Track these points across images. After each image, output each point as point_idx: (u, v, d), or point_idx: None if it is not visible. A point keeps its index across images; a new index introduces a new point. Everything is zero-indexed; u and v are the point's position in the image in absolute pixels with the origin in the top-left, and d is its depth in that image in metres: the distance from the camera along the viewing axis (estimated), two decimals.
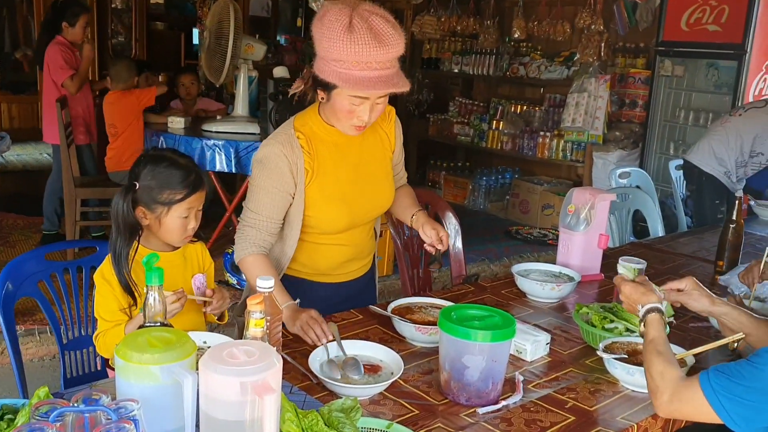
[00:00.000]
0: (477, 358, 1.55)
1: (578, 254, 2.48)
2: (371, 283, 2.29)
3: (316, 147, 1.96)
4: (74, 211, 4.04)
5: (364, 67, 1.73)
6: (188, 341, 1.28)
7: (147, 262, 1.37)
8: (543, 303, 2.25)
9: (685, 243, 3.19)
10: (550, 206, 6.14)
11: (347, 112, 1.85)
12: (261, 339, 1.33)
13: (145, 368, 1.21)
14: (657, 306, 1.66)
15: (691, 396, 1.41)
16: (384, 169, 2.12)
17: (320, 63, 1.80)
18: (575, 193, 2.54)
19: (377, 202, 2.10)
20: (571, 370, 1.79)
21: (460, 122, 7.30)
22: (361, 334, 1.92)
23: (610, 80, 5.74)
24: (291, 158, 1.92)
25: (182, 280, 1.86)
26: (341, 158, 2.01)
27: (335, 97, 1.84)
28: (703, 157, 4.14)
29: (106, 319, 1.77)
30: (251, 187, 1.98)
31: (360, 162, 2.04)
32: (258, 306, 1.32)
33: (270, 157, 1.93)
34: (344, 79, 1.75)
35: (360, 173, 2.04)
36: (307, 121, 1.99)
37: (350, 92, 1.79)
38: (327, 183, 1.98)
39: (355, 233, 2.09)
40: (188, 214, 1.81)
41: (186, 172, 1.81)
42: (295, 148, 1.93)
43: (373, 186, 2.08)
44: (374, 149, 2.09)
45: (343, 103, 1.83)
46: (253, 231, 1.95)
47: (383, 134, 2.13)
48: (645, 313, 1.65)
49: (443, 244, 1.99)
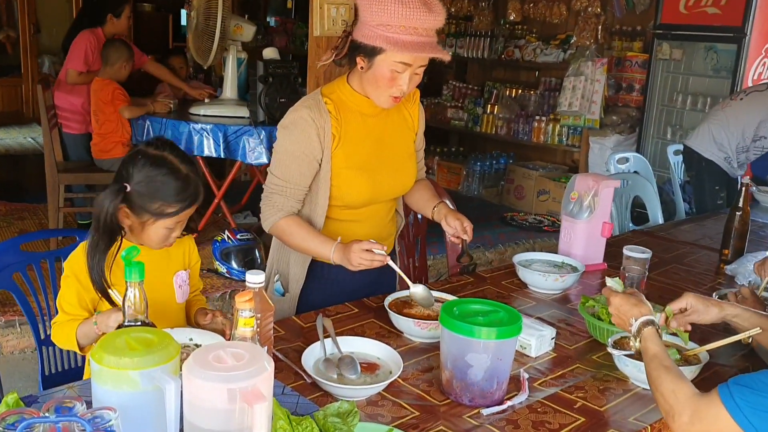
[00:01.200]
0: (481, 357, 1.45)
1: (581, 243, 2.39)
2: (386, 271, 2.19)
3: (344, 114, 1.96)
4: (57, 197, 3.90)
5: (412, 32, 1.77)
6: (171, 343, 1.18)
7: (126, 255, 1.26)
8: (546, 294, 2.15)
9: (687, 230, 3.11)
10: (545, 192, 6.05)
11: (388, 79, 1.84)
12: (250, 339, 1.23)
13: (123, 373, 1.11)
14: (651, 318, 1.53)
15: (714, 415, 1.27)
16: (407, 149, 2.12)
17: (364, 28, 1.82)
18: (578, 180, 2.44)
19: (399, 179, 2.10)
20: (578, 367, 1.70)
21: (454, 106, 7.19)
22: (357, 328, 1.82)
23: (607, 64, 5.64)
24: (318, 122, 1.91)
25: (164, 277, 1.74)
26: (367, 130, 2.00)
27: (378, 64, 1.83)
28: (702, 142, 4.07)
29: (64, 310, 1.64)
30: (276, 153, 1.98)
31: (384, 136, 2.04)
32: (247, 304, 1.22)
33: (297, 122, 1.93)
34: (393, 42, 1.77)
35: (384, 148, 2.03)
36: (335, 90, 1.99)
37: (397, 57, 1.80)
38: (352, 151, 1.97)
39: (376, 210, 2.08)
40: (175, 226, 1.66)
41: (184, 184, 1.62)
42: (323, 113, 1.92)
43: (396, 163, 2.07)
44: (399, 127, 2.09)
45: (385, 70, 1.83)
46: (280, 198, 1.96)
47: (407, 114, 2.12)
48: (639, 326, 1.52)
49: (468, 234, 1.99)
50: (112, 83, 4.30)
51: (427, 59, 1.85)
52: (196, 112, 4.25)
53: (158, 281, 1.71)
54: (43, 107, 3.84)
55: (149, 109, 4.30)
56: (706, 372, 1.66)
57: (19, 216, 4.76)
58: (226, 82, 4.32)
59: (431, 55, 1.82)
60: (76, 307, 1.64)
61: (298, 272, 2.05)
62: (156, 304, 1.68)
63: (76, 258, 1.65)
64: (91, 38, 4.44)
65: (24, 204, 4.86)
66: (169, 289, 1.75)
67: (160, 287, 1.73)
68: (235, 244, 3.90)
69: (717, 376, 1.68)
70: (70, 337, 1.62)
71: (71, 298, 1.64)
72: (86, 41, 4.41)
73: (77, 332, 1.61)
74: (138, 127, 4.21)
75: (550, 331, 1.78)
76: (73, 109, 4.50)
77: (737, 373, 1.69)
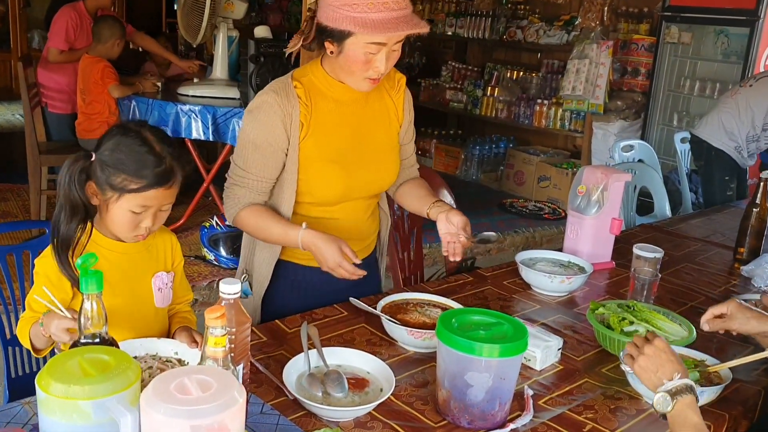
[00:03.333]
0: (482, 376, 1.31)
1: (588, 240, 2.24)
2: (374, 270, 2.05)
3: (315, 100, 1.78)
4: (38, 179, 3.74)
5: (381, 8, 1.60)
6: (130, 366, 1.03)
7: (83, 263, 1.11)
8: (551, 297, 2.01)
9: (697, 225, 2.96)
10: (546, 178, 5.90)
11: (363, 62, 1.67)
12: (222, 360, 1.08)
13: (72, 403, 0.96)
14: (694, 386, 1.30)
15: None
16: (389, 141, 1.92)
17: (328, 11, 1.64)
18: (586, 173, 2.29)
19: (378, 174, 1.89)
20: (587, 381, 1.56)
21: (453, 88, 7.02)
22: (346, 334, 1.68)
23: (612, 46, 5.46)
24: (285, 108, 1.73)
25: (141, 278, 1.57)
26: (341, 118, 1.81)
27: (349, 47, 1.66)
28: (712, 131, 3.93)
29: (32, 307, 1.48)
30: (240, 140, 1.79)
31: (361, 126, 1.85)
32: (218, 321, 1.06)
33: (262, 107, 1.74)
34: (361, 23, 1.60)
35: (361, 139, 1.84)
36: (307, 73, 1.80)
37: (368, 38, 1.63)
38: (323, 141, 1.79)
39: (351, 208, 1.88)
40: (143, 211, 1.47)
41: (155, 159, 1.44)
42: (291, 98, 1.74)
43: (374, 155, 1.87)
44: (379, 116, 1.90)
45: (357, 53, 1.66)
46: (241, 190, 1.78)
47: (390, 103, 1.93)
48: (684, 388, 1.29)
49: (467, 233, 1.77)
50: (102, 61, 4.13)
51: (407, 34, 1.67)
52: (185, 92, 4.08)
53: (135, 282, 1.56)
54: (23, 85, 3.67)
55: (138, 89, 4.13)
56: (725, 389, 1.52)
57: (2, 197, 4.59)
58: (216, 61, 4.13)
59: (407, 31, 1.64)
60: (42, 306, 1.49)
61: (264, 271, 1.87)
62: (130, 308, 1.55)
63: (47, 255, 1.50)
64: (72, 14, 4.25)
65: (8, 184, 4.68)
66: (147, 292, 1.59)
67: (137, 289, 1.57)
68: (224, 231, 3.75)
69: (738, 394, 1.55)
70: (24, 335, 1.48)
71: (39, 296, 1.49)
72: (67, 17, 4.22)
73: (30, 331, 1.46)
74: (124, 107, 4.04)
75: (556, 341, 1.64)
76: (58, 88, 4.32)
77: (760, 391, 1.57)
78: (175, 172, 1.48)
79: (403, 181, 2.03)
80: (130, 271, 1.55)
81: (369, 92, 1.82)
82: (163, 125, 3.69)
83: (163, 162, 1.45)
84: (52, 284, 1.46)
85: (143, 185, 1.44)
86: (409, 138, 2.01)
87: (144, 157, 1.44)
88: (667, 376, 1.32)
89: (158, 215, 1.51)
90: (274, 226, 1.75)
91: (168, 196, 1.49)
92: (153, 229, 1.52)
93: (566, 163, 5.96)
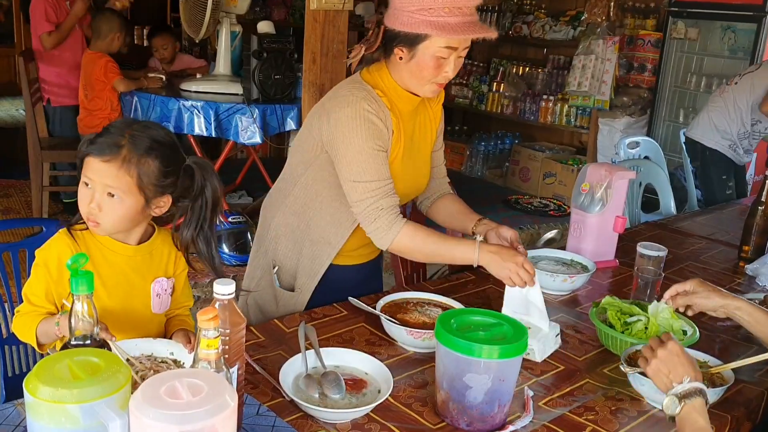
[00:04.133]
0: (481, 378, 1.29)
1: (592, 238, 2.22)
2: (377, 269, 2.08)
3: (394, 110, 1.78)
4: (40, 175, 3.72)
5: (456, 12, 1.63)
6: (120, 369, 1.01)
7: (73, 264, 1.09)
8: (553, 296, 1.99)
9: (702, 223, 2.93)
10: (551, 174, 5.86)
11: (434, 68, 1.69)
12: (214, 363, 1.06)
13: (60, 407, 0.95)
14: (705, 389, 1.29)
15: None
16: (429, 149, 1.96)
17: (403, 16, 1.66)
18: (590, 170, 2.26)
19: (420, 180, 1.95)
20: (588, 382, 1.54)
21: (458, 83, 6.96)
22: (345, 334, 1.66)
23: (618, 42, 5.41)
24: (380, 115, 1.72)
25: (140, 282, 1.54)
26: (404, 127, 1.82)
27: (421, 52, 1.68)
28: (705, 131, 3.92)
29: (30, 300, 1.46)
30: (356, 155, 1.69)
31: (414, 136, 1.88)
32: (211, 323, 1.05)
33: (360, 117, 1.70)
34: (438, 26, 1.63)
35: (412, 148, 1.87)
36: (379, 82, 1.78)
37: (443, 41, 1.65)
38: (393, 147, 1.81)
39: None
40: (90, 184, 1.39)
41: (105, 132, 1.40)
42: (383, 107, 1.74)
43: (418, 164, 1.92)
44: (425, 125, 1.93)
45: (428, 58, 1.68)
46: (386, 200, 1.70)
47: (431, 114, 1.95)
48: (694, 391, 1.28)
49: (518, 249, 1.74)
50: (104, 56, 4.11)
51: (470, 40, 1.69)
52: (187, 88, 4.05)
53: (132, 285, 1.53)
54: (25, 80, 3.65)
55: (142, 84, 4.11)
56: (728, 391, 1.49)
57: (5, 193, 4.59)
58: (218, 56, 4.11)
59: (479, 35, 1.66)
60: (42, 299, 1.47)
61: (316, 268, 1.87)
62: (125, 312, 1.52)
63: (49, 247, 1.47)
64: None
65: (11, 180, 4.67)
66: (144, 296, 1.56)
67: (134, 292, 1.54)
68: (226, 228, 3.73)
69: (741, 396, 1.52)
70: (30, 331, 1.45)
71: (38, 289, 1.47)
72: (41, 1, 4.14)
73: (38, 329, 1.44)
74: (126, 103, 4.02)
75: (553, 328, 1.63)
76: (59, 82, 4.29)
77: (764, 393, 1.55)
78: (118, 149, 1.37)
79: (437, 195, 2.04)
80: (129, 273, 1.52)
81: (419, 103, 1.84)
82: (165, 121, 3.68)
83: (110, 134, 1.39)
84: (51, 277, 1.45)
85: (85, 151, 1.40)
86: (440, 145, 2.03)
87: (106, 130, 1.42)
88: (677, 379, 1.30)
89: (105, 200, 1.39)
90: (454, 249, 1.73)
91: (108, 175, 1.37)
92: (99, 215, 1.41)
93: (572, 159, 5.93)
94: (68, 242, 1.46)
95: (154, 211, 1.46)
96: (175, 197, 1.48)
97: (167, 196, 1.46)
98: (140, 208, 1.43)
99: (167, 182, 1.44)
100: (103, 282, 1.49)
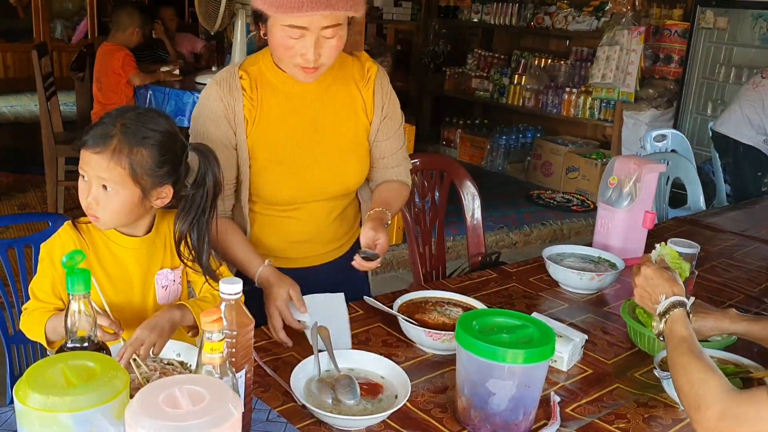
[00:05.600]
0: (506, 384, 1.21)
1: (619, 234, 2.12)
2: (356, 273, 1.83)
3: (263, 92, 1.61)
4: (55, 170, 3.69)
5: None
6: (117, 374, 0.94)
7: (68, 261, 1.02)
8: (579, 294, 1.90)
9: (734, 218, 2.81)
10: (574, 169, 5.74)
11: (284, 47, 1.49)
12: (219, 368, 0.99)
13: (51, 416, 0.88)
14: (683, 300, 1.35)
15: (754, 415, 1.06)
16: (353, 138, 1.72)
17: None
18: (617, 163, 2.16)
19: (338, 176, 1.70)
20: (618, 387, 1.45)
21: (479, 76, 6.86)
22: (361, 335, 1.58)
23: (644, 33, 5.27)
24: (227, 101, 1.58)
25: (147, 276, 1.47)
26: (293, 113, 1.64)
27: (270, 30, 1.49)
28: (737, 126, 3.77)
29: (36, 296, 1.40)
30: (191, 138, 1.61)
31: (317, 121, 1.66)
32: (215, 325, 0.97)
33: (204, 102, 1.60)
34: (268, 2, 1.43)
35: (316, 136, 1.66)
36: (257, 61, 1.63)
37: (282, 20, 1.44)
38: (272, 140, 1.63)
39: (310, 210, 1.72)
40: (86, 176, 1.33)
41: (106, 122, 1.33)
42: (234, 90, 1.58)
43: (332, 154, 1.68)
44: (342, 110, 1.69)
45: (278, 36, 1.48)
46: None
47: (358, 96, 1.71)
48: (668, 306, 1.34)
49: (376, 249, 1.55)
50: (123, 49, 4.07)
51: (337, 18, 1.46)
52: (203, 81, 3.99)
53: (139, 279, 1.46)
54: (39, 75, 3.61)
55: (158, 78, 4.06)
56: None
57: (22, 188, 4.57)
58: (234, 49, 4.04)
59: (318, 11, 1.41)
60: (48, 294, 1.41)
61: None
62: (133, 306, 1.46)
63: (54, 241, 1.41)
64: None
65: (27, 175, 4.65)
66: (151, 289, 1.49)
67: (142, 285, 1.48)
68: None
69: None
70: (39, 328, 1.39)
71: (45, 284, 1.41)
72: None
73: (47, 325, 1.38)
74: (140, 96, 3.97)
75: (580, 338, 1.54)
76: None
77: None
78: (110, 139, 1.30)
79: (378, 184, 1.82)
80: (135, 266, 1.46)
81: (330, 83, 1.66)
82: (180, 115, 3.63)
83: (103, 125, 1.33)
84: (57, 272, 1.39)
85: (82, 142, 1.33)
86: (389, 134, 1.76)
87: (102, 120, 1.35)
88: (656, 300, 1.37)
89: (100, 193, 1.33)
90: (239, 252, 1.60)
91: (99, 166, 1.31)
92: (97, 209, 1.35)
93: (595, 153, 5.80)
94: (73, 236, 1.40)
95: (155, 202, 1.39)
96: (177, 187, 1.41)
97: (167, 186, 1.38)
98: (137, 200, 1.35)
99: (163, 171, 1.35)
100: (109, 276, 1.43)
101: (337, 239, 1.82)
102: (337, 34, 1.49)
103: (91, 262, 1.40)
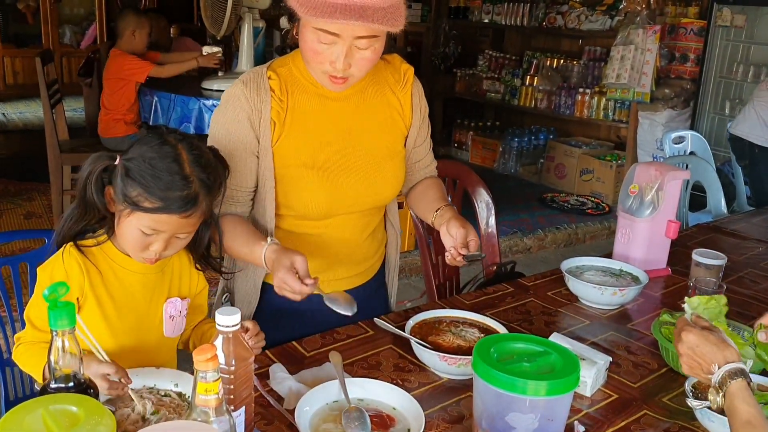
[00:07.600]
0: (527, 417, 1.11)
1: (641, 245, 2.02)
2: (380, 297, 1.81)
3: (293, 95, 1.51)
4: (60, 178, 3.63)
5: None
6: (102, 420, 0.86)
7: (50, 294, 0.94)
8: (601, 310, 1.80)
9: (758, 225, 2.71)
10: (589, 171, 5.62)
11: (313, 52, 1.39)
12: (215, 410, 0.91)
13: None
14: (741, 367, 1.17)
15: None
16: (390, 145, 1.62)
17: None
18: (638, 170, 2.07)
19: (373, 185, 1.59)
20: (646, 414, 1.36)
21: (490, 78, 6.77)
22: (371, 358, 1.49)
23: (659, 31, 5.15)
24: (254, 102, 1.47)
25: (152, 303, 1.39)
26: (328, 118, 1.54)
27: (302, 30, 1.40)
28: (752, 128, 3.67)
29: (33, 324, 1.31)
30: (209, 141, 1.52)
31: (354, 127, 1.56)
32: (210, 364, 0.89)
33: (228, 101, 1.50)
34: (303, 2, 1.31)
35: (352, 142, 1.56)
36: (288, 62, 1.53)
37: (315, 22, 1.33)
38: (301, 144, 1.52)
39: (342, 223, 1.61)
40: (153, 234, 1.28)
41: (180, 182, 1.24)
42: (262, 91, 1.47)
43: (369, 162, 1.58)
44: (380, 116, 1.60)
45: (307, 38, 1.38)
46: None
47: (394, 100, 1.62)
48: (725, 376, 1.17)
49: (469, 248, 1.47)
50: (124, 55, 4.01)
51: (374, 30, 1.34)
52: (209, 86, 3.92)
53: (144, 306, 1.39)
54: (43, 83, 3.56)
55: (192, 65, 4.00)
56: None
57: (28, 197, 4.52)
58: (241, 53, 3.97)
59: (352, 22, 1.29)
60: (45, 321, 1.33)
61: (248, 293, 1.63)
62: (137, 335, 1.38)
63: (55, 264, 1.33)
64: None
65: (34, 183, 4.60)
66: (156, 319, 1.41)
67: (145, 314, 1.39)
68: None
69: None
70: (37, 366, 1.30)
71: (43, 311, 1.33)
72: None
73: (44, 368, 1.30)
74: (145, 103, 3.90)
75: (604, 360, 1.44)
76: None
77: None
78: (198, 201, 1.26)
79: (417, 182, 1.77)
80: (142, 292, 1.38)
81: (365, 86, 1.56)
82: (185, 122, 3.55)
83: (188, 187, 1.25)
84: None
85: (156, 207, 1.24)
86: (423, 138, 1.71)
87: (167, 177, 1.24)
88: (708, 371, 1.21)
89: (172, 242, 1.31)
90: (238, 238, 1.47)
91: (185, 225, 1.29)
92: (165, 254, 1.32)
93: (610, 155, 5.69)
94: (78, 258, 1.32)
95: None
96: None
97: None
98: None
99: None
100: (114, 302, 1.34)
101: (368, 258, 1.71)
102: (371, 46, 1.39)
103: (95, 286, 1.32)
